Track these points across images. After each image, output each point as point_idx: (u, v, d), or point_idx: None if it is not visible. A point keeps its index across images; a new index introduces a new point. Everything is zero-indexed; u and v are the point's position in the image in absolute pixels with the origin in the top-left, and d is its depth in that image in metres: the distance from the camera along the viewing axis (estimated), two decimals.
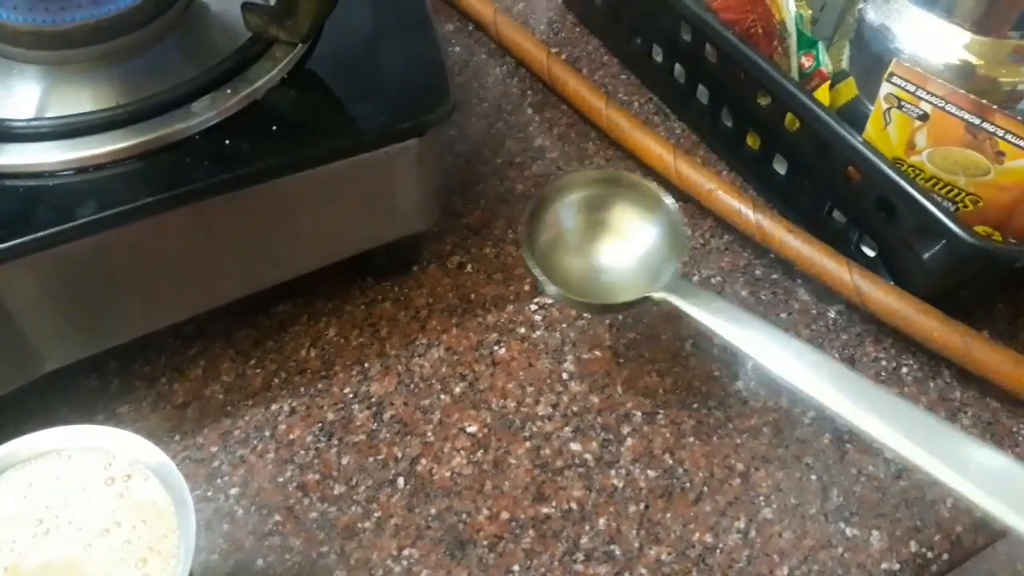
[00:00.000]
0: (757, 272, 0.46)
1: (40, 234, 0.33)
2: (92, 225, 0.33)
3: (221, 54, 0.39)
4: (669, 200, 0.40)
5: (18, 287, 0.34)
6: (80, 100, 0.37)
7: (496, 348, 0.43)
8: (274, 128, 0.36)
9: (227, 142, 0.36)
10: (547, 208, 0.40)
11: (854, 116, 0.42)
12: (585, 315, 0.44)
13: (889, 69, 0.38)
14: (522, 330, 0.43)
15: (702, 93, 0.50)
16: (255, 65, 0.38)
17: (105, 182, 0.35)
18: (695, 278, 0.45)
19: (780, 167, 0.47)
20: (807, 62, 0.44)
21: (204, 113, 0.36)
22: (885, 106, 0.39)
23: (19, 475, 0.30)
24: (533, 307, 0.44)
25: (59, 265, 0.34)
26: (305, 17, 0.38)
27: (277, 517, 0.37)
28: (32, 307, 0.35)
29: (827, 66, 0.43)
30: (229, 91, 0.37)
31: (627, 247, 0.40)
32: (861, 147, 0.39)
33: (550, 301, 0.45)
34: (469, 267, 0.46)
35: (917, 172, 0.40)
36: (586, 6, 0.58)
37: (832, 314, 0.44)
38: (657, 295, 0.37)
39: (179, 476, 0.29)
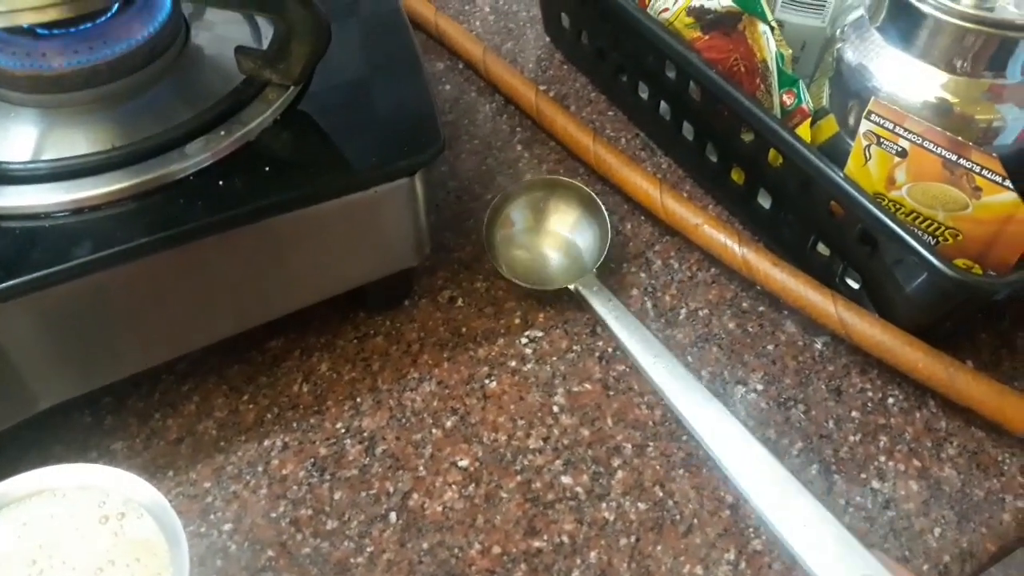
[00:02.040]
0: (744, 304, 0.47)
1: (36, 275, 0.33)
2: (88, 265, 0.34)
3: (215, 96, 0.39)
4: (601, 204, 0.48)
5: (14, 326, 0.35)
6: (76, 142, 0.38)
7: (487, 382, 0.43)
8: (267, 169, 0.37)
9: (221, 183, 0.36)
10: (503, 210, 0.49)
11: (835, 152, 0.43)
12: (573, 347, 0.44)
13: (868, 107, 0.39)
14: (513, 363, 0.44)
15: (687, 130, 0.51)
16: (248, 107, 0.39)
17: (101, 223, 0.35)
18: (682, 311, 0.46)
19: (765, 201, 0.47)
20: (788, 99, 0.45)
21: (198, 155, 0.37)
22: (865, 143, 0.40)
23: (13, 514, 0.30)
24: (524, 340, 0.45)
25: (55, 305, 0.35)
26: (297, 60, 0.39)
27: (270, 553, 0.37)
28: (28, 346, 0.36)
29: (808, 103, 0.44)
30: (223, 133, 0.38)
31: (566, 242, 0.49)
32: (843, 182, 0.40)
33: (540, 334, 0.45)
34: (460, 301, 0.47)
35: (898, 207, 0.41)
36: (573, 45, 0.59)
37: (819, 345, 0.45)
38: (572, 287, 0.45)
39: (173, 514, 0.29)
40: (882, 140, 0.40)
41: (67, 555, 0.29)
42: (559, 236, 0.49)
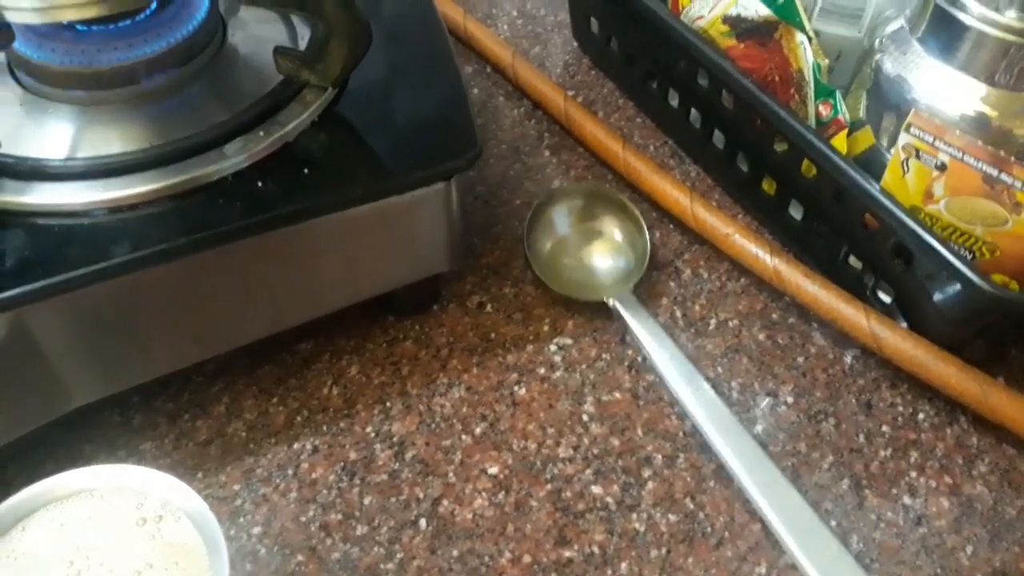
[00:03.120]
0: (774, 316, 0.46)
1: (75, 273, 0.33)
2: (126, 265, 0.34)
3: (249, 97, 0.39)
4: (642, 220, 0.48)
5: (50, 325, 0.35)
6: (112, 140, 0.37)
7: (516, 388, 0.43)
8: (306, 171, 0.37)
9: (259, 184, 0.36)
10: (545, 213, 0.48)
11: (871, 164, 0.43)
12: (602, 355, 0.44)
13: (907, 120, 0.39)
14: (542, 371, 0.44)
15: (718, 138, 0.51)
16: (286, 108, 0.39)
17: (139, 222, 0.35)
18: (712, 321, 0.46)
19: (796, 212, 0.47)
20: (825, 111, 0.45)
21: (236, 155, 0.37)
22: (903, 156, 0.40)
23: (50, 515, 0.30)
24: (553, 348, 0.45)
25: (91, 303, 0.35)
26: (336, 62, 0.38)
27: (300, 557, 0.37)
28: (62, 345, 0.36)
29: (845, 115, 0.44)
30: (261, 134, 0.38)
31: (610, 254, 0.48)
32: (879, 195, 0.40)
33: (570, 341, 0.45)
34: (489, 307, 0.46)
35: (934, 221, 0.41)
36: (601, 50, 0.59)
37: (848, 359, 0.45)
38: (609, 301, 0.45)
39: (213, 519, 0.29)
40: (921, 153, 0.39)
41: (104, 557, 0.29)
42: (599, 247, 0.48)
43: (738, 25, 0.46)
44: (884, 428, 0.42)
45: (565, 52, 0.61)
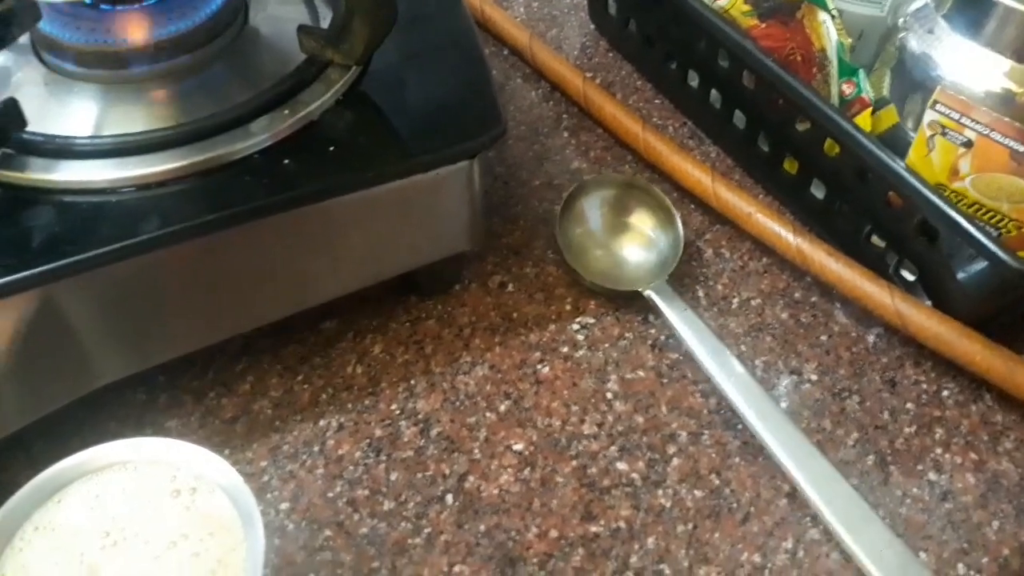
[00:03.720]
0: (796, 295, 0.46)
1: (102, 250, 0.33)
2: (153, 242, 0.34)
3: (273, 75, 0.39)
4: (675, 211, 0.47)
5: (78, 302, 0.35)
6: (136, 118, 0.38)
7: (539, 367, 0.43)
8: (330, 149, 0.37)
9: (286, 162, 0.36)
10: (577, 203, 0.48)
11: (894, 142, 0.43)
12: (625, 334, 0.44)
13: (933, 97, 0.39)
14: (565, 349, 0.44)
15: (738, 118, 0.51)
16: (311, 87, 0.39)
17: (166, 199, 0.35)
18: (735, 300, 0.46)
19: (818, 191, 0.47)
20: (848, 89, 0.44)
21: (262, 133, 0.37)
22: (929, 133, 0.40)
23: (85, 487, 0.30)
24: (575, 327, 0.45)
25: (118, 280, 0.35)
26: (360, 40, 0.38)
27: (328, 532, 0.37)
28: (89, 322, 0.36)
29: (868, 93, 0.44)
30: (286, 112, 0.38)
31: (642, 245, 0.48)
32: (905, 173, 0.40)
33: (592, 320, 0.45)
34: (510, 286, 0.46)
35: (960, 198, 0.40)
36: (619, 31, 0.58)
37: (871, 337, 0.45)
38: (645, 292, 0.44)
39: (247, 490, 0.29)
40: (947, 130, 0.39)
41: (140, 528, 0.29)
42: (633, 238, 0.48)
43: (760, 5, 0.46)
44: (908, 405, 0.42)
45: (582, 34, 0.61)
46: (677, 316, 0.43)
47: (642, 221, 0.48)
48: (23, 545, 0.28)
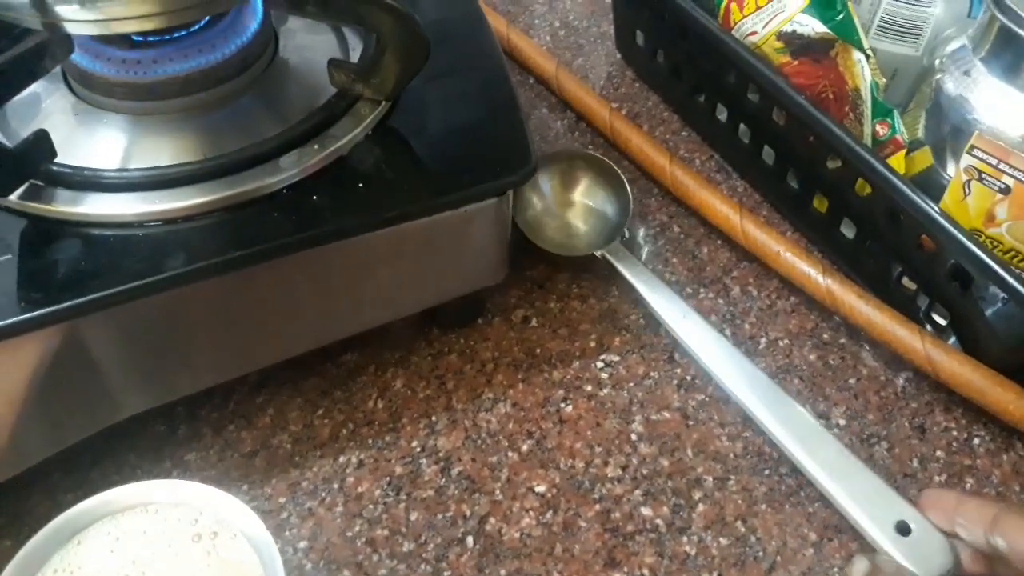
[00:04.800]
0: (825, 336, 0.46)
1: (128, 286, 0.33)
2: (181, 277, 0.34)
3: (302, 109, 0.39)
4: (624, 177, 0.49)
5: (103, 335, 0.35)
6: (163, 151, 0.38)
7: (563, 405, 0.43)
8: (360, 185, 0.37)
9: (314, 198, 0.36)
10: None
11: (928, 185, 0.42)
12: (651, 373, 0.44)
13: (971, 142, 0.38)
14: (588, 387, 0.43)
15: (767, 154, 0.50)
16: (340, 121, 0.39)
17: (193, 234, 0.35)
18: (762, 340, 0.45)
19: (848, 231, 0.46)
20: (882, 130, 0.44)
21: (291, 168, 0.37)
22: (965, 178, 0.39)
23: (107, 528, 0.30)
24: (599, 364, 0.44)
25: (143, 315, 0.35)
26: (391, 76, 0.38)
27: (347, 573, 0.37)
28: (114, 355, 0.36)
29: (903, 134, 0.44)
30: (316, 147, 0.37)
31: (593, 213, 0.50)
32: (939, 217, 0.39)
33: (616, 358, 0.44)
34: (534, 321, 0.46)
35: (995, 244, 0.40)
36: (647, 62, 0.58)
37: (901, 381, 0.44)
38: (598, 253, 0.47)
39: (269, 538, 0.29)
40: (984, 176, 0.39)
41: (160, 572, 0.29)
42: (584, 206, 0.50)
43: (793, 42, 0.45)
44: (938, 453, 0.42)
45: (608, 64, 0.61)
46: (633, 276, 0.45)
47: (593, 189, 0.50)
48: None
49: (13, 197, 0.35)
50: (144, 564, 0.29)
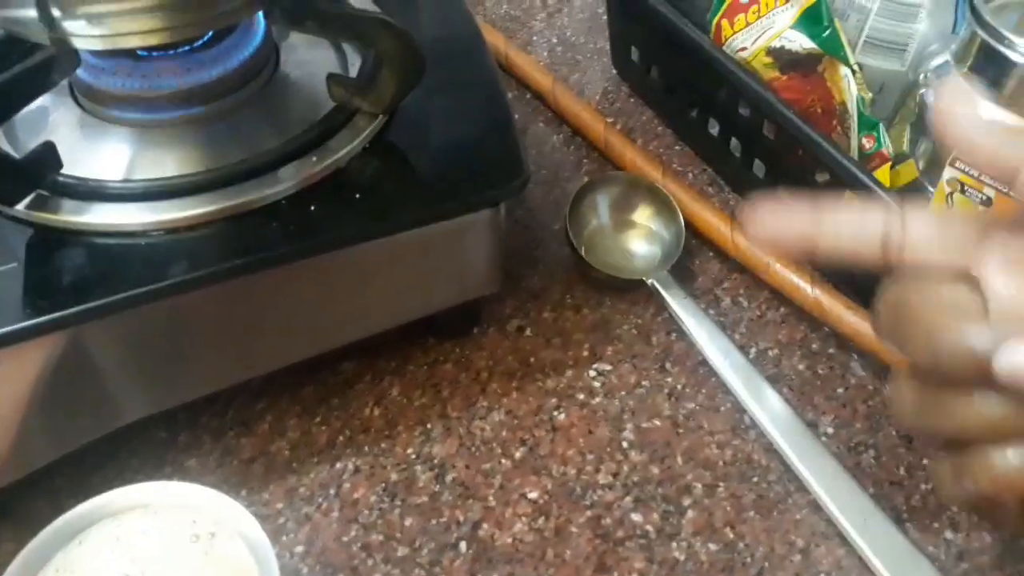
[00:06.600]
0: (814, 346, 0.46)
1: (132, 292, 0.34)
2: (183, 285, 0.35)
3: (301, 122, 0.40)
4: (676, 207, 0.50)
5: (106, 342, 0.35)
6: (167, 162, 0.38)
7: (556, 413, 0.43)
8: (356, 196, 0.38)
9: (312, 208, 0.37)
10: (587, 197, 0.51)
11: (912, 198, 0.43)
12: (642, 382, 0.44)
13: (952, 154, 0.39)
14: (581, 396, 0.44)
15: (758, 167, 0.51)
16: (339, 134, 0.39)
17: (195, 243, 0.36)
18: (752, 350, 0.46)
19: None
20: (868, 143, 0.45)
21: (290, 180, 0.38)
22: (948, 190, 0.40)
23: (107, 528, 0.30)
24: (592, 373, 0.45)
25: (145, 322, 0.36)
26: (388, 91, 0.39)
27: None
28: (117, 362, 0.36)
29: (888, 147, 0.44)
30: (315, 159, 0.38)
31: (646, 239, 0.51)
32: None
33: (609, 367, 0.45)
34: (528, 331, 0.47)
35: None
36: (641, 78, 0.59)
37: (888, 390, 0.45)
38: (648, 280, 0.47)
39: (266, 540, 0.29)
40: (966, 187, 0.39)
41: (158, 572, 0.29)
42: (637, 232, 0.51)
43: (782, 57, 0.46)
44: (925, 461, 0.42)
45: (604, 79, 0.62)
46: (679, 305, 0.46)
47: (646, 216, 0.51)
48: None
49: (20, 206, 0.36)
50: (144, 563, 0.29)
